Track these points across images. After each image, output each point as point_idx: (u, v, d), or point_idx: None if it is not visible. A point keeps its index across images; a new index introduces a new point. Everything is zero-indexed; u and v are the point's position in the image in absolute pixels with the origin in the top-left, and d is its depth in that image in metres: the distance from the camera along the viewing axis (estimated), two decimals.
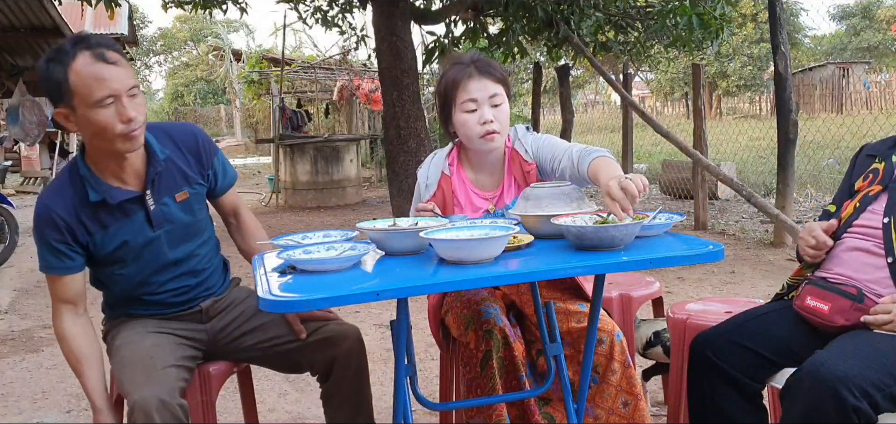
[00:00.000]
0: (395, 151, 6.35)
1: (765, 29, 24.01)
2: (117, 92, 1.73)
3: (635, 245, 1.60)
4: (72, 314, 1.91)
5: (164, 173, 1.91)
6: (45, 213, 1.84)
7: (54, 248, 1.84)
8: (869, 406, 1.52)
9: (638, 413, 2.00)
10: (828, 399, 1.53)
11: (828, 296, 1.82)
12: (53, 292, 1.91)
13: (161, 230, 1.91)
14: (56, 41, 8.57)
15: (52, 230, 1.83)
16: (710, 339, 1.92)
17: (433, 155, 2.23)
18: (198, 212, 2.00)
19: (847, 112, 20.77)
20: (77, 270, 1.90)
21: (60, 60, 1.72)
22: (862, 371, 1.55)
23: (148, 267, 1.94)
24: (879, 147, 2.03)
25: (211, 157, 2.02)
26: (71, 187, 1.85)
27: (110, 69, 1.73)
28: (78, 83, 1.71)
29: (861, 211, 1.89)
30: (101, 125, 1.74)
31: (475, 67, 2.06)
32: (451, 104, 2.07)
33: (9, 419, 3.10)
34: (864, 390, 1.53)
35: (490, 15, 7.15)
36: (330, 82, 13.73)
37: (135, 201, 1.88)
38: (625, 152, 7.90)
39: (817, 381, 1.56)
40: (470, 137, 2.07)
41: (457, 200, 2.13)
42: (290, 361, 2.06)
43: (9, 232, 6.36)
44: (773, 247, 5.87)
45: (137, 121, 1.77)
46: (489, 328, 1.95)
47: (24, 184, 14.43)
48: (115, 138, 1.76)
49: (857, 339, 1.68)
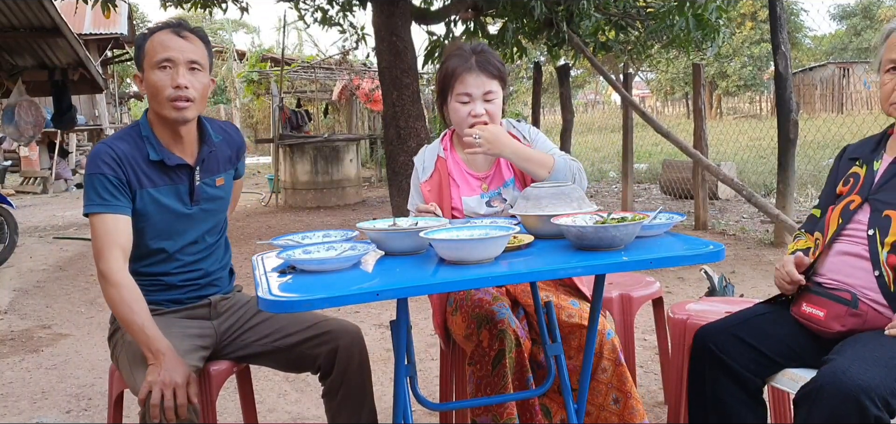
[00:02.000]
0: (395, 151, 6.35)
1: (765, 29, 24.02)
2: (175, 59, 1.89)
3: (635, 245, 1.60)
4: (124, 260, 1.87)
5: (213, 154, 2.05)
6: (105, 150, 1.91)
7: (109, 182, 1.88)
8: (889, 415, 1.52)
9: (628, 409, 2.01)
10: (851, 408, 1.51)
11: (823, 302, 1.81)
12: (104, 236, 1.87)
13: (197, 207, 2.02)
14: (56, 41, 8.60)
15: (110, 165, 1.89)
16: (713, 332, 1.92)
17: (427, 145, 2.34)
18: (225, 201, 2.13)
19: (847, 112, 20.78)
20: (125, 211, 1.90)
21: (149, 32, 1.95)
22: (882, 381, 1.53)
23: (177, 241, 2.00)
24: (861, 149, 2.00)
25: (242, 154, 2.20)
26: (132, 141, 1.96)
27: (177, 40, 1.91)
28: (149, 47, 1.91)
29: (845, 224, 1.87)
30: (155, 86, 1.89)
31: (476, 60, 2.13)
32: (448, 92, 2.17)
33: (8, 419, 3.10)
34: (884, 399, 1.52)
35: (490, 15, 7.15)
36: (330, 82, 13.74)
37: (185, 170, 1.99)
38: (625, 152, 7.89)
39: (839, 391, 1.53)
40: (459, 125, 2.17)
41: (453, 180, 2.20)
42: (293, 356, 2.07)
43: (8, 232, 6.36)
44: (774, 247, 5.86)
45: (187, 92, 1.89)
46: (503, 328, 1.96)
47: (24, 184, 14.45)
48: (164, 102, 1.90)
49: (871, 345, 1.65)
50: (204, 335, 2.02)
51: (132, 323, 1.83)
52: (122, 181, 1.89)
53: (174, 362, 1.78)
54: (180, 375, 1.76)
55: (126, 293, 1.84)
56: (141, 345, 1.82)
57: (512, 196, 2.16)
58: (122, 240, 1.88)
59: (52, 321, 4.67)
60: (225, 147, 2.11)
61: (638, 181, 10.52)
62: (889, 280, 1.75)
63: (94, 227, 1.88)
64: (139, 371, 1.82)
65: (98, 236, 1.87)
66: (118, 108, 20.21)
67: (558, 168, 2.06)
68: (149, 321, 1.83)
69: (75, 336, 4.28)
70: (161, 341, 1.80)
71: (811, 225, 2.02)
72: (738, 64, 27.67)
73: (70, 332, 4.38)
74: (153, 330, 1.82)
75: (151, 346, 1.80)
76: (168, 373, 1.74)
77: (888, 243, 1.76)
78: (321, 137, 11.05)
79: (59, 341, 4.21)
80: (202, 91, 1.96)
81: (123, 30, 16.40)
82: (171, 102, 1.89)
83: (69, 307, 5.00)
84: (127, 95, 22.88)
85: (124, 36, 16.61)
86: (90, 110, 16.47)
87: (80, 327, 4.49)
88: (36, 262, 6.76)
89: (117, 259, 1.86)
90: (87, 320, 4.64)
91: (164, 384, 1.73)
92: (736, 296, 3.40)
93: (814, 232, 1.98)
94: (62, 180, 14.38)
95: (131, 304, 1.83)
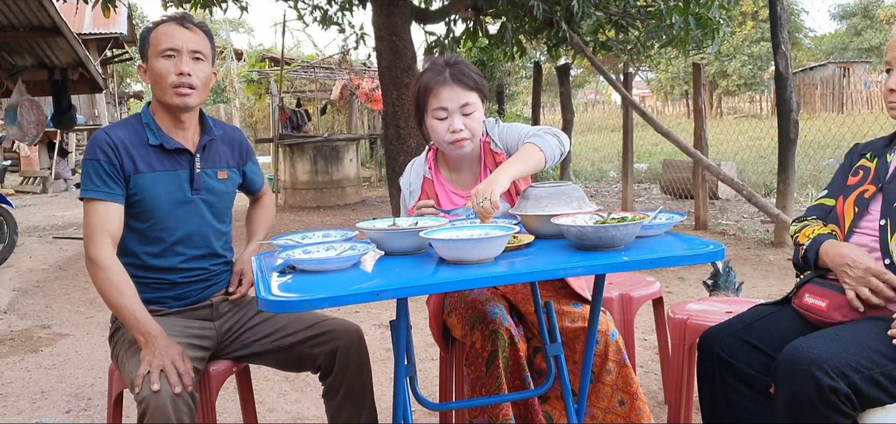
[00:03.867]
0: (395, 151, 6.35)
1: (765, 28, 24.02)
2: (179, 48, 1.94)
3: (635, 245, 1.60)
4: (112, 246, 1.91)
5: (213, 145, 2.09)
6: (102, 136, 1.95)
7: (102, 169, 1.91)
8: (847, 386, 1.55)
9: (634, 411, 2.00)
10: (805, 380, 1.56)
11: (826, 293, 1.81)
12: (95, 222, 1.90)
13: (199, 196, 2.04)
14: (55, 41, 8.59)
15: (105, 151, 1.92)
16: (718, 336, 1.92)
17: (412, 162, 2.27)
18: (229, 196, 2.15)
19: (848, 112, 20.79)
20: (118, 200, 1.93)
21: (154, 24, 2.01)
22: (838, 353, 1.58)
23: (178, 230, 2.00)
24: (873, 145, 2.01)
25: (248, 157, 2.22)
26: (132, 128, 2.00)
27: (182, 31, 1.96)
28: (154, 37, 1.97)
29: (860, 215, 1.87)
30: (159, 73, 1.95)
31: (450, 73, 2.06)
32: (423, 108, 2.11)
33: (8, 419, 3.10)
34: (840, 371, 1.55)
35: (490, 15, 7.14)
36: (330, 82, 13.73)
37: (185, 154, 2.02)
38: (625, 152, 7.89)
39: (793, 365, 1.60)
40: (440, 143, 2.12)
41: (439, 202, 2.16)
42: (293, 355, 2.07)
43: (8, 232, 6.36)
44: (774, 247, 5.86)
45: (190, 80, 1.95)
46: (495, 328, 1.95)
47: (24, 184, 14.45)
48: (168, 89, 1.94)
49: (843, 327, 1.70)
50: (205, 336, 2.02)
51: (122, 307, 1.85)
52: (115, 167, 1.92)
53: (166, 341, 1.81)
54: (175, 350, 1.79)
55: (115, 277, 1.87)
56: (132, 329, 1.85)
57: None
58: (112, 227, 1.91)
59: (51, 320, 4.67)
60: (226, 143, 2.14)
61: (638, 181, 10.53)
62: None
63: (87, 212, 1.93)
64: (134, 360, 1.83)
65: (89, 221, 1.91)
66: (118, 107, 20.20)
67: (546, 148, 1.99)
68: (139, 304, 1.86)
69: (75, 336, 4.28)
70: (152, 324, 1.83)
71: (821, 213, 2.01)
72: (739, 63, 27.66)
73: (69, 332, 4.38)
74: (143, 314, 1.85)
75: (142, 329, 1.83)
76: (163, 350, 1.77)
77: None
78: (321, 137, 11.05)
79: (59, 341, 4.21)
80: (205, 80, 2.00)
81: (123, 30, 16.41)
82: (175, 88, 1.94)
83: (69, 307, 4.99)
84: (127, 94, 22.89)
85: (124, 36, 16.62)
86: (90, 110, 16.48)
87: (79, 327, 4.49)
88: (35, 262, 6.76)
89: (106, 245, 1.89)
90: (87, 320, 4.63)
91: (162, 360, 1.75)
92: (738, 284, 3.39)
93: (827, 222, 1.97)
94: (62, 179, 14.39)
95: (120, 287, 1.86)
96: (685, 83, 27.53)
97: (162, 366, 1.75)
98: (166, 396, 1.71)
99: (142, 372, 1.74)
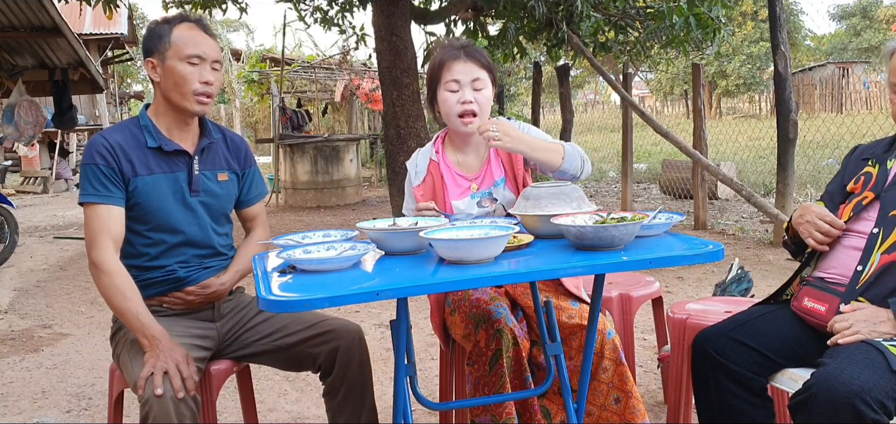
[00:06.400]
0: (395, 151, 6.35)
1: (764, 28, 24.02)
2: (206, 56, 1.98)
3: (635, 245, 1.60)
4: (115, 250, 1.91)
5: (212, 147, 2.10)
6: (99, 140, 1.96)
7: (101, 172, 1.92)
8: (886, 416, 1.50)
9: (629, 409, 2.01)
10: (847, 414, 1.49)
11: (825, 297, 1.81)
12: (96, 226, 1.90)
13: (198, 198, 2.04)
14: (56, 41, 8.60)
15: (103, 155, 1.93)
16: (711, 337, 1.92)
17: (421, 148, 2.34)
18: (229, 200, 2.15)
19: (847, 112, 20.78)
20: (118, 203, 1.93)
21: (167, 22, 2.01)
22: (876, 382, 1.52)
23: (179, 233, 2.00)
24: (874, 149, 2.00)
25: (248, 163, 2.21)
26: (130, 131, 2.01)
27: (207, 39, 2.00)
28: (178, 38, 1.97)
29: (854, 220, 1.87)
30: (183, 77, 1.96)
31: (463, 51, 2.17)
32: (436, 83, 2.19)
33: (8, 419, 3.10)
34: (880, 401, 1.50)
35: (490, 15, 7.15)
36: (330, 82, 13.73)
37: (184, 156, 2.03)
38: (625, 152, 7.90)
39: (833, 396, 1.52)
40: (449, 115, 2.17)
41: (444, 183, 2.21)
42: (294, 355, 2.07)
43: (9, 232, 6.36)
44: (773, 247, 5.86)
45: (211, 89, 1.99)
46: (500, 328, 1.96)
47: (25, 184, 14.45)
48: (188, 94, 1.97)
49: (863, 346, 1.64)
50: (206, 337, 2.03)
51: (126, 311, 1.85)
52: (114, 171, 1.92)
53: (170, 344, 1.81)
54: (179, 352, 1.79)
55: (118, 281, 1.87)
56: (136, 332, 1.85)
57: (502, 195, 2.16)
58: (114, 230, 1.91)
59: (52, 320, 4.67)
60: (223, 145, 2.15)
61: (637, 181, 10.53)
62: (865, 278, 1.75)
63: (87, 217, 1.92)
64: (137, 362, 1.83)
65: (90, 226, 1.91)
66: (118, 107, 20.21)
67: (568, 153, 2.10)
68: (142, 307, 1.86)
69: (75, 336, 4.28)
70: (156, 326, 1.84)
71: None
72: (738, 63, 27.66)
73: (70, 332, 4.38)
74: (147, 317, 1.85)
75: (146, 332, 1.83)
76: (166, 353, 1.77)
77: (888, 243, 1.76)
78: (321, 137, 11.05)
79: (60, 340, 4.21)
80: (218, 89, 2.05)
81: (123, 30, 16.42)
82: (197, 96, 1.97)
83: (69, 307, 5.00)
84: (127, 94, 22.90)
85: (124, 36, 16.63)
86: (90, 110, 16.49)
87: (80, 326, 4.49)
88: (36, 262, 6.76)
89: (108, 248, 1.89)
90: (88, 319, 4.64)
91: (166, 362, 1.75)
92: (746, 288, 3.38)
93: None
94: (62, 179, 14.39)
95: (124, 290, 1.86)
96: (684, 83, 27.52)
97: (166, 369, 1.75)
98: (169, 399, 1.71)
99: (145, 374, 1.75)
